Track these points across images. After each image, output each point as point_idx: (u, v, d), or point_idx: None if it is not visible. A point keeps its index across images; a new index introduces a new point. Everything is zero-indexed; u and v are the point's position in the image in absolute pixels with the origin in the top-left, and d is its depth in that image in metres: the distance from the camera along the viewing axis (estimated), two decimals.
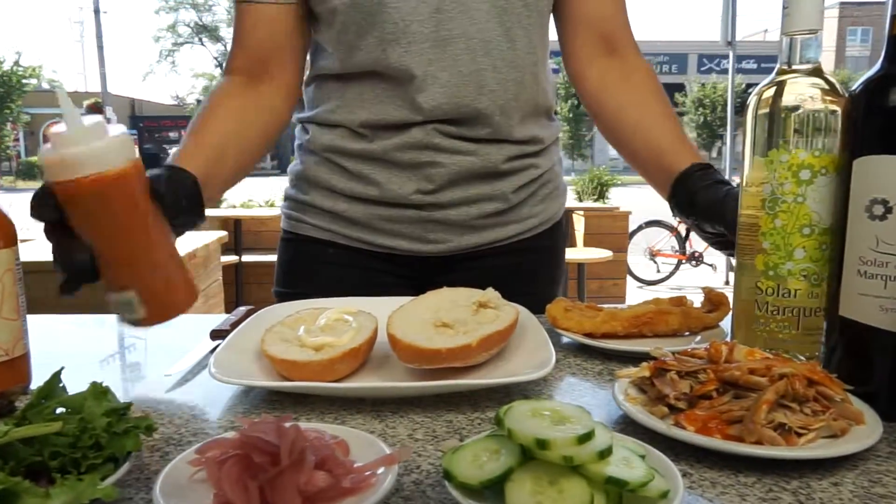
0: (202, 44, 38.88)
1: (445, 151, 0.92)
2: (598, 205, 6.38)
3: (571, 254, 4.89)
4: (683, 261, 6.86)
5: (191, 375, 0.73)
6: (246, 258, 4.90)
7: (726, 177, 0.87)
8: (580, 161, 26.17)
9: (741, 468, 0.51)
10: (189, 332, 0.87)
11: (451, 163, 0.92)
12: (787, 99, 0.64)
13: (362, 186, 0.95)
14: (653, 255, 7.00)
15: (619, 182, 8.70)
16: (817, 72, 0.65)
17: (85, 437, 0.45)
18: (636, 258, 6.61)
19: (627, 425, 0.58)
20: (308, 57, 1.01)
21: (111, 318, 1.00)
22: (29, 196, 0.66)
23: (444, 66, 0.88)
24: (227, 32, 37.40)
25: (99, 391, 0.48)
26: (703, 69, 29.33)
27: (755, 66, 26.67)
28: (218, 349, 0.69)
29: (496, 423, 0.46)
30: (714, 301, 0.84)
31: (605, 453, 0.42)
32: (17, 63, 26.20)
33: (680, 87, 26.59)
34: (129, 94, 39.18)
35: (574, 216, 5.60)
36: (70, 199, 0.63)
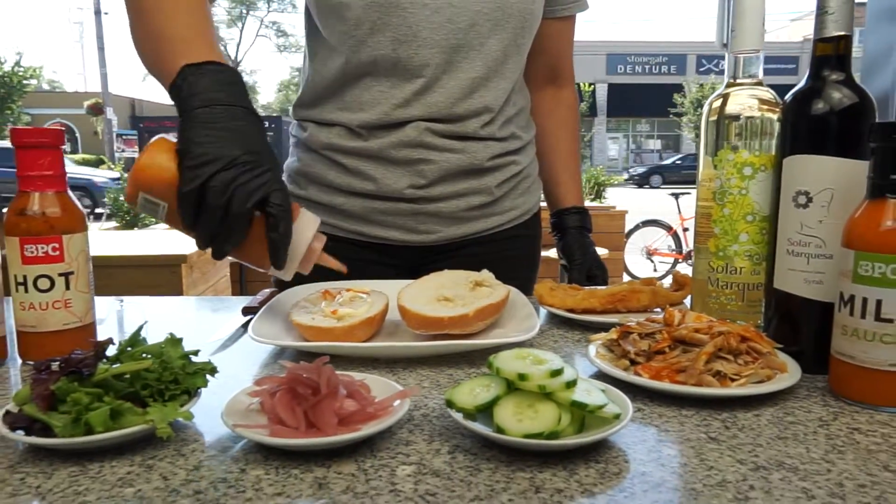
0: None
1: (436, 149, 1.03)
2: (595, 204, 6.50)
3: None
4: (680, 260, 6.97)
5: (229, 342, 0.85)
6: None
7: None
8: None
9: (684, 405, 0.63)
10: (221, 311, 1.00)
11: (441, 160, 1.02)
12: (731, 108, 0.77)
13: (359, 182, 1.05)
14: (649, 253, 7.12)
15: (617, 182, 8.84)
16: (758, 84, 0.78)
17: (166, 374, 0.57)
18: (633, 257, 6.73)
19: (598, 377, 0.71)
20: (306, 58, 1.10)
21: (152, 301, 1.12)
22: None
23: (447, 72, 1.00)
24: (226, 33, 37.50)
25: (174, 340, 0.61)
26: (701, 70, 29.45)
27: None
28: (254, 319, 0.81)
29: (488, 367, 0.58)
30: (680, 282, 0.96)
31: (571, 384, 0.55)
32: (17, 64, 26.31)
33: (678, 88, 26.73)
34: (129, 94, 39.24)
35: None
36: None
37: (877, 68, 2.35)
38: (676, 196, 7.19)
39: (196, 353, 0.61)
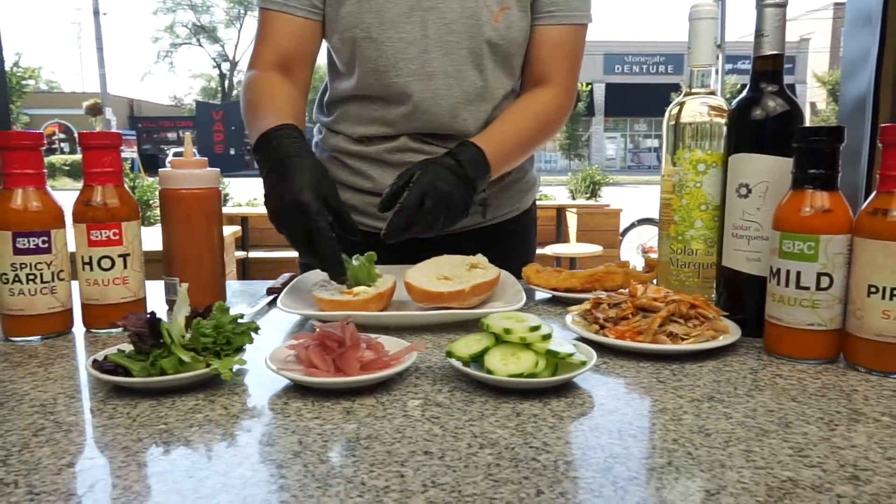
0: (200, 44, 39.10)
1: (424, 154, 1.16)
2: (590, 202, 6.64)
3: (563, 249, 5.15)
4: None
5: (258, 316, 0.99)
6: (252, 254, 5.16)
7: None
8: (577, 161, 26.45)
9: (641, 359, 0.77)
10: (247, 292, 1.13)
11: None
12: (686, 115, 0.91)
13: (360, 180, 1.21)
14: (645, 251, 7.25)
15: (614, 181, 8.98)
16: (711, 94, 0.92)
17: (220, 336, 0.71)
18: (628, 255, 6.87)
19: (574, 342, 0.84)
20: (327, 75, 1.26)
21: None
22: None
23: (425, 97, 1.12)
24: (224, 33, 37.63)
25: (223, 307, 0.74)
26: None
27: (749, 66, 26.96)
28: (281, 294, 0.95)
29: (479, 326, 0.72)
30: (650, 264, 1.10)
31: (546, 337, 0.68)
32: (16, 64, 26.39)
33: (676, 87, 26.89)
34: (127, 94, 39.37)
35: (567, 213, 5.86)
36: (169, 202, 0.97)
37: (855, 72, 2.48)
38: None
39: (241, 316, 0.74)
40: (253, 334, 0.74)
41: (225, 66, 39.58)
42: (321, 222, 0.87)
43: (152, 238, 1.10)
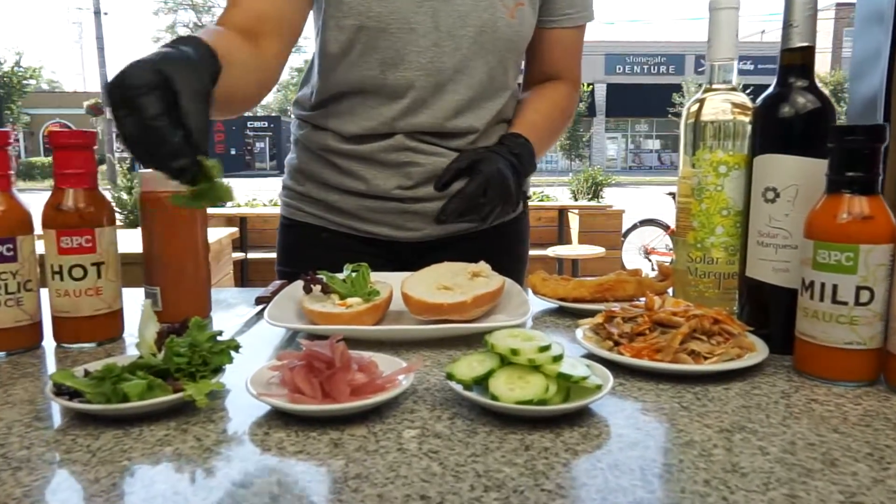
0: None
1: (423, 153, 1.10)
2: (593, 203, 6.58)
3: (565, 250, 5.09)
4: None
5: (245, 328, 0.92)
6: (251, 255, 5.10)
7: None
8: (577, 161, 26.41)
9: (661, 380, 0.70)
10: (236, 301, 1.06)
11: (427, 163, 1.09)
12: (707, 112, 0.84)
13: (351, 181, 1.13)
14: (647, 253, 7.19)
15: (616, 182, 8.91)
16: (732, 90, 0.85)
17: (195, 356, 0.64)
18: (631, 256, 6.80)
19: (584, 357, 0.77)
20: (314, 64, 1.15)
21: None
22: (30, 196, 0.84)
23: (432, 93, 1.06)
24: None
25: (200, 324, 0.67)
26: (700, 70, 29.52)
27: (752, 66, 26.95)
28: (269, 306, 0.88)
29: (483, 344, 0.65)
30: (664, 272, 1.03)
31: (557, 358, 0.61)
32: (17, 64, 26.38)
33: (677, 88, 26.82)
34: None
35: (569, 214, 5.80)
36: (149, 205, 0.90)
37: (865, 70, 2.42)
38: (673, 196, 7.24)
39: (220, 333, 0.67)
40: (233, 353, 0.67)
41: None
42: (141, 95, 0.61)
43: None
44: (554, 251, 4.99)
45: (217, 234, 3.50)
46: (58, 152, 0.80)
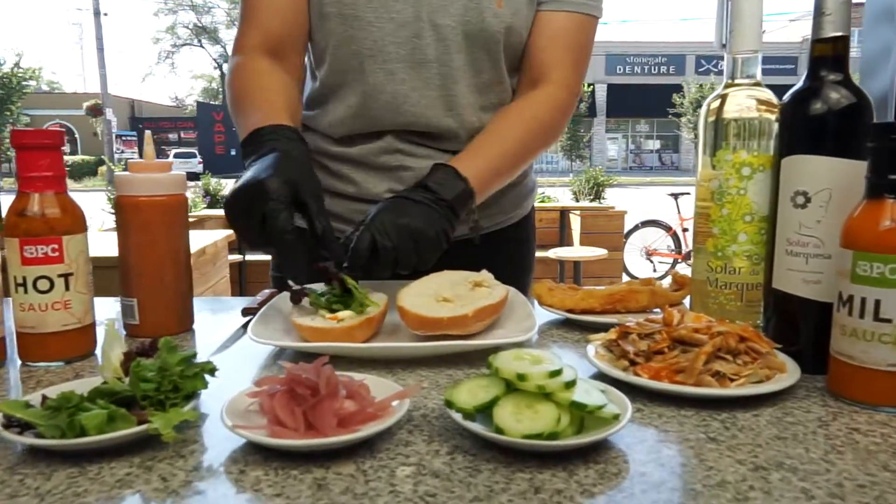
0: (201, 45, 39.00)
1: (414, 156, 1.03)
2: (594, 204, 6.51)
3: (567, 252, 5.02)
4: (679, 260, 6.98)
5: (229, 343, 0.85)
6: (249, 257, 5.03)
7: None
8: (578, 162, 26.34)
9: (683, 405, 0.63)
10: (221, 311, 1.00)
11: (419, 166, 1.02)
12: (729, 109, 0.77)
13: (341, 184, 1.06)
14: (649, 254, 7.12)
15: (617, 182, 8.84)
16: (757, 85, 0.78)
17: (165, 381, 0.57)
18: (633, 257, 6.74)
19: (597, 377, 0.70)
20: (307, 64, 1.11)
21: None
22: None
23: (415, 87, 0.99)
24: (225, 34, 37.51)
25: (170, 345, 0.60)
26: (700, 70, 29.49)
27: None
28: (253, 320, 0.81)
29: (487, 367, 0.58)
30: (679, 282, 0.96)
31: (570, 384, 0.55)
32: (17, 65, 26.32)
33: (678, 88, 26.75)
34: (128, 95, 39.26)
35: (570, 216, 5.73)
36: (126, 210, 0.85)
37: (875, 69, 2.35)
38: (676, 196, 7.20)
39: (193, 355, 0.60)
40: (210, 377, 0.60)
41: (226, 67, 39.47)
42: (278, 206, 0.74)
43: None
44: (555, 253, 4.92)
45: (213, 237, 3.43)
46: (22, 153, 0.74)
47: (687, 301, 0.93)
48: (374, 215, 0.84)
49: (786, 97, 0.73)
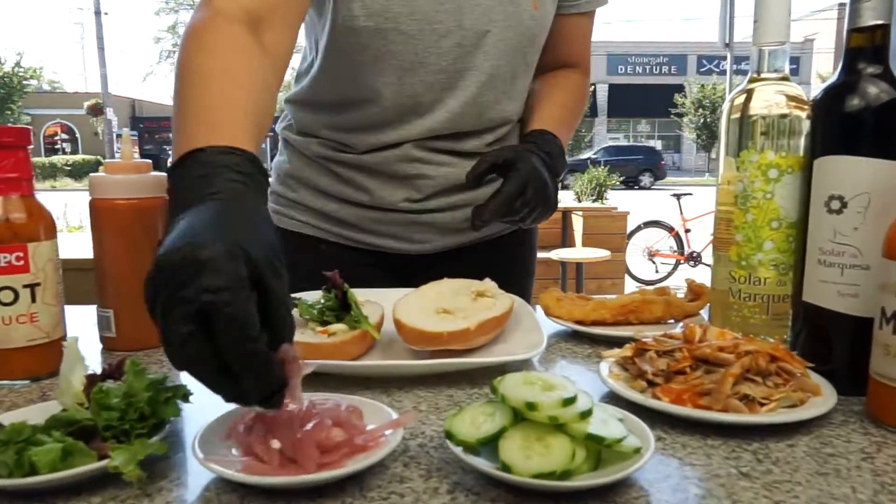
0: None
1: (433, 164, 0.97)
2: (597, 205, 6.44)
3: (569, 254, 4.95)
4: (682, 261, 6.91)
5: None
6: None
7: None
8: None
9: (709, 433, 0.57)
10: None
11: (437, 174, 0.97)
12: (756, 105, 0.71)
13: (353, 191, 0.99)
14: (651, 255, 7.05)
15: (618, 183, 8.77)
16: (784, 80, 0.72)
17: (130, 410, 0.51)
18: (635, 258, 6.67)
19: (611, 399, 0.64)
20: (314, 66, 0.99)
21: None
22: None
23: (453, 95, 0.93)
24: None
25: (137, 367, 0.54)
26: (702, 70, 29.40)
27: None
28: None
29: (492, 392, 0.52)
30: (695, 291, 0.90)
31: (585, 414, 0.48)
32: (17, 64, 26.30)
33: (679, 88, 26.67)
34: (129, 94, 39.19)
35: (572, 216, 5.66)
36: (101, 214, 0.79)
37: None
38: (678, 197, 7.14)
39: (164, 378, 0.54)
40: (181, 403, 0.54)
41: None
42: (236, 299, 0.43)
43: None
44: (557, 254, 4.85)
45: None
46: None
47: (704, 312, 0.87)
48: (519, 162, 0.89)
49: (819, 92, 0.67)
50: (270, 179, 1.10)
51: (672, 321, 0.88)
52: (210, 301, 0.42)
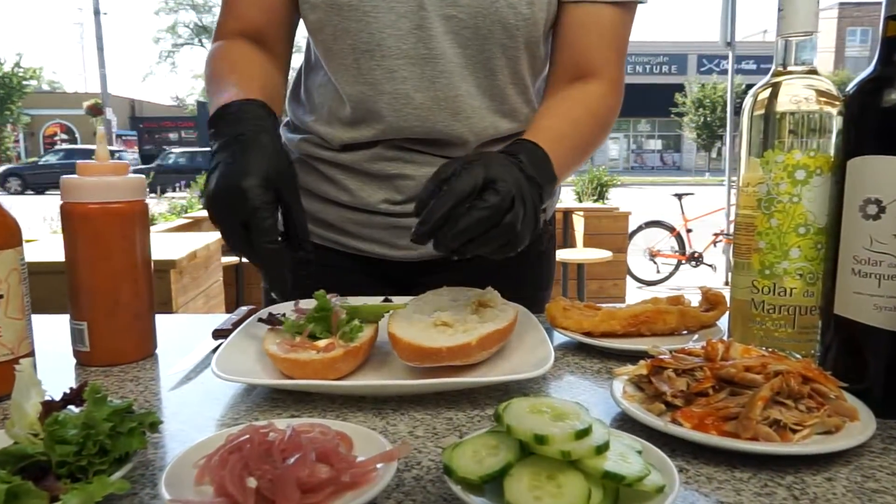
0: (202, 45, 38.88)
1: (414, 164, 0.91)
2: (598, 205, 6.38)
3: (571, 254, 4.90)
4: (683, 261, 6.85)
5: (194, 374, 0.74)
6: (246, 259, 4.91)
7: (725, 176, 0.87)
8: None
9: (737, 464, 0.52)
10: (191, 332, 0.88)
11: (420, 175, 0.90)
12: (783, 101, 0.65)
13: (335, 190, 0.95)
14: (652, 255, 6.99)
15: (619, 182, 8.71)
16: (812, 73, 0.66)
17: (89, 443, 0.45)
18: (636, 258, 6.61)
19: (625, 422, 0.59)
20: (303, 62, 1.01)
21: None
22: (31, 198, 0.67)
23: (419, 87, 0.86)
24: None
25: (97, 394, 0.48)
26: (702, 70, 29.35)
27: (754, 66, 26.68)
28: (220, 348, 0.69)
29: (495, 420, 0.47)
30: (711, 300, 0.84)
31: (602, 448, 0.43)
32: (17, 65, 26.23)
33: (680, 88, 26.61)
34: (129, 94, 39.14)
35: (574, 216, 5.61)
36: (73, 220, 0.74)
37: None
38: (679, 196, 7.08)
39: (129, 406, 0.49)
40: (148, 434, 0.48)
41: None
42: (262, 215, 0.67)
43: None
44: (558, 255, 4.80)
45: (205, 239, 3.31)
46: None
47: (723, 322, 0.81)
48: (476, 161, 0.69)
49: (851, 87, 0.61)
50: None
51: (686, 332, 0.82)
52: (250, 218, 0.67)
